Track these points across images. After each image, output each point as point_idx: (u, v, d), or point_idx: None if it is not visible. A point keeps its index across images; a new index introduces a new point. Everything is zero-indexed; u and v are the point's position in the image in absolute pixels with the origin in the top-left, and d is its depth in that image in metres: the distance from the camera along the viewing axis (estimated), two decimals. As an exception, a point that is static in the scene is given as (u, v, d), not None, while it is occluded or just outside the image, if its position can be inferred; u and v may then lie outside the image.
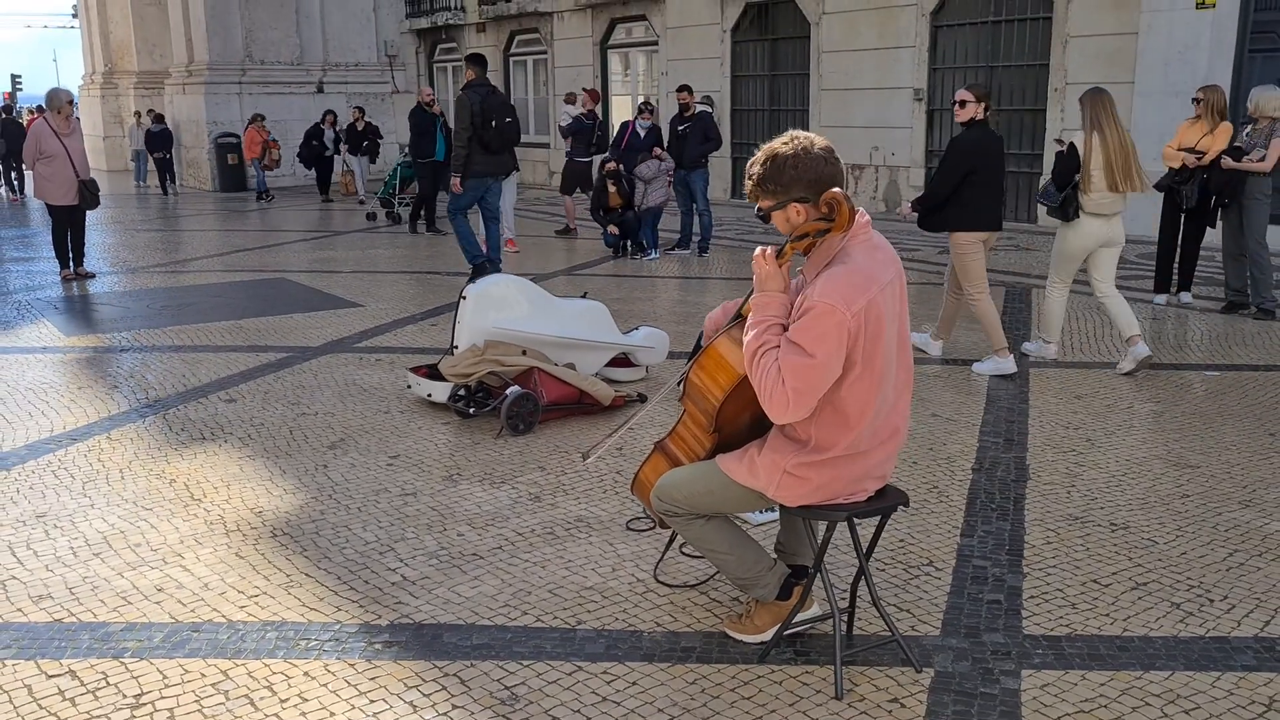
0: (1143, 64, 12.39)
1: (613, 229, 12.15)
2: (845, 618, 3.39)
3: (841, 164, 3.01)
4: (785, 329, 2.91)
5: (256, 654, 3.34)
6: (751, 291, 3.03)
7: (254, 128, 19.92)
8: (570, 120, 14.03)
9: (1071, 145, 6.70)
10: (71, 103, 10.69)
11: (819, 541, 3.15)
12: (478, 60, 10.08)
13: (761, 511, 4.15)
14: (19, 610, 3.67)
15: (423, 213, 14.46)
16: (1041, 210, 13.59)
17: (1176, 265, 9.16)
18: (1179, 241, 9.12)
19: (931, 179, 7.06)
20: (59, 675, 3.23)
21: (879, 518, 3.28)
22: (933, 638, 3.41)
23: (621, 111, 20.86)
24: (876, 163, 15.70)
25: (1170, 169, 8.82)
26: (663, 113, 15.14)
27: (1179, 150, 8.74)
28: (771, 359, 2.84)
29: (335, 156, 19.62)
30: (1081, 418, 5.83)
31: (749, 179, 3.04)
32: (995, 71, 14.16)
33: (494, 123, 9.67)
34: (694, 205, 12.11)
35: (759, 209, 3.06)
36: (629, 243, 12.14)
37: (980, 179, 6.68)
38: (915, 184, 15.20)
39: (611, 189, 12.12)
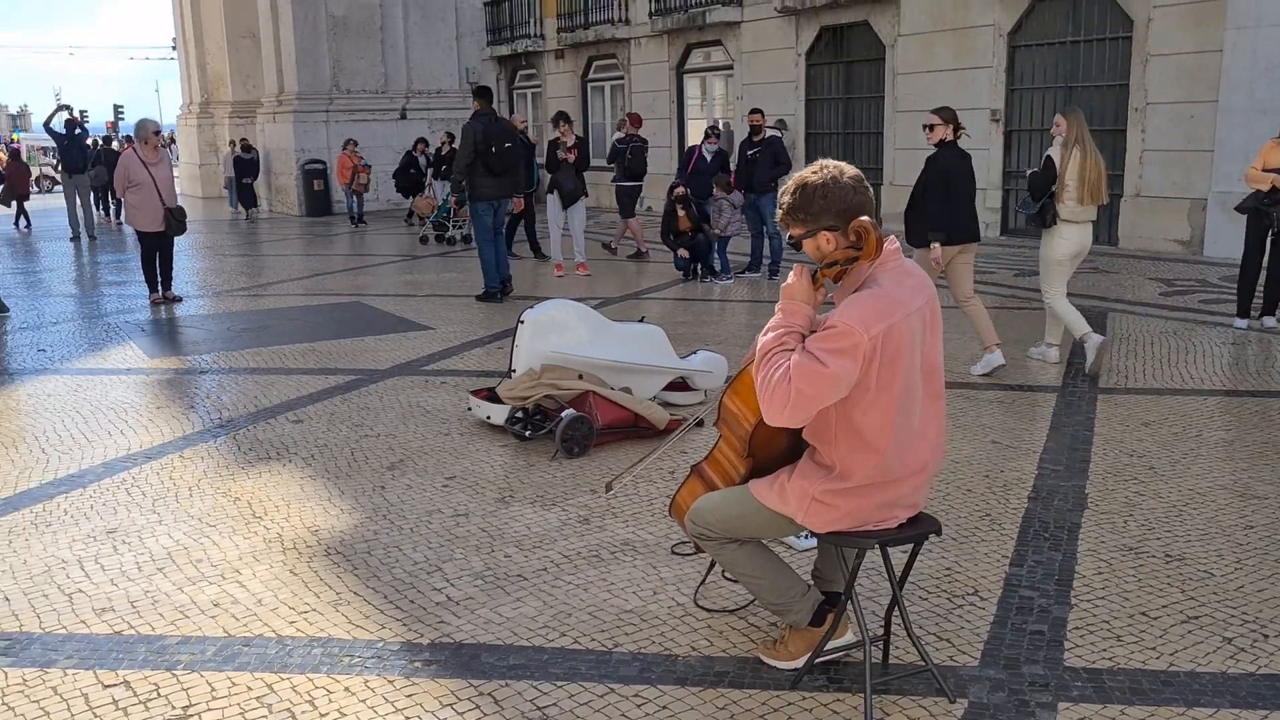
0: (1227, 82, 12.08)
1: (683, 253, 12.21)
2: (880, 646, 3.37)
3: (871, 192, 3.02)
4: (803, 340, 2.93)
5: (301, 669, 3.44)
6: None
7: (345, 153, 20.31)
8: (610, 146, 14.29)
9: (1049, 158, 7.16)
10: (158, 133, 11.10)
11: (850, 568, 3.15)
12: (483, 93, 10.87)
13: (803, 537, 4.16)
14: (82, 622, 3.83)
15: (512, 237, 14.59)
16: (1124, 231, 13.41)
17: (1261, 289, 8.90)
18: (1264, 264, 8.86)
19: (913, 199, 7.47)
20: (114, 685, 3.37)
21: (912, 546, 3.26)
22: (970, 668, 3.37)
23: (696, 135, 20.97)
24: (1101, 190, 15.47)
25: (1257, 191, 8.58)
26: (739, 137, 15.20)
27: (1265, 171, 8.51)
28: (783, 359, 2.85)
29: (432, 183, 19.98)
30: (1147, 445, 5.69)
31: (780, 207, 3.07)
32: (1074, 91, 13.93)
33: (494, 149, 10.38)
34: (764, 229, 12.11)
35: (790, 237, 3.09)
36: (699, 266, 12.19)
37: (956, 196, 7.24)
38: (992, 205, 14.99)
39: (681, 213, 12.20)
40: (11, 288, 12.48)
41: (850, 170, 3.02)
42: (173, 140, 33.61)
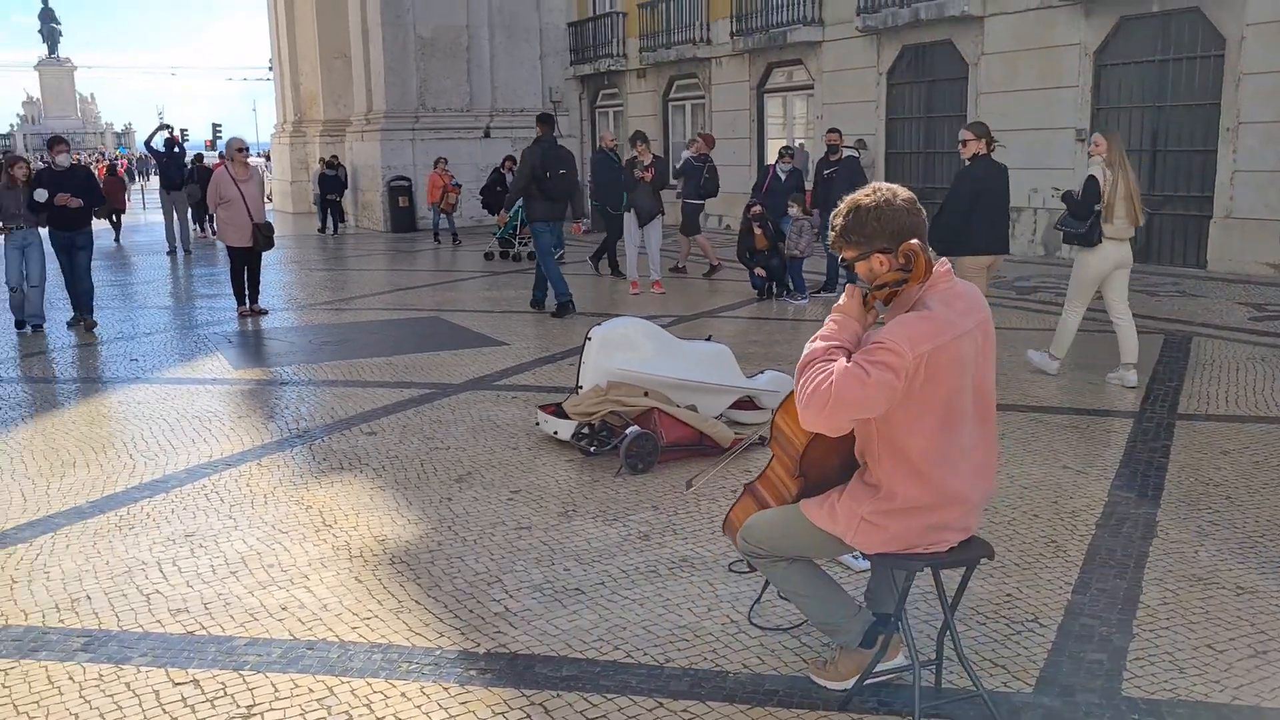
0: (1324, 101, 11.70)
1: (759, 271, 12.21)
2: (932, 669, 3.35)
3: (924, 215, 3.03)
4: (848, 355, 2.94)
5: (361, 673, 3.55)
6: None
7: (436, 171, 20.53)
8: (682, 163, 14.32)
9: (1092, 178, 7.32)
10: (241, 150, 11.51)
11: (900, 590, 3.14)
12: (545, 120, 11.19)
13: (858, 558, 4.15)
14: (158, 622, 3.99)
15: (605, 255, 14.76)
16: (1213, 254, 13.05)
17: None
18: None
19: (940, 209, 7.75)
20: (184, 683, 3.51)
21: (965, 569, 3.24)
22: (1024, 694, 3.34)
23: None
24: (1035, 205, 15.26)
25: None
26: (816, 156, 15.16)
27: None
28: (826, 367, 2.86)
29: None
30: (1225, 474, 5.55)
31: (832, 230, 3.09)
32: (1162, 111, 13.62)
33: (549, 174, 10.78)
34: (840, 248, 12.02)
35: (842, 259, 3.11)
36: (774, 285, 12.18)
37: (984, 207, 7.58)
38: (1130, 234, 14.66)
39: (757, 231, 12.21)
40: (108, 300, 12.97)
41: (904, 193, 3.03)
42: (267, 158, 34.56)
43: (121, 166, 41.99)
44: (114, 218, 21.61)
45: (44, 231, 10.65)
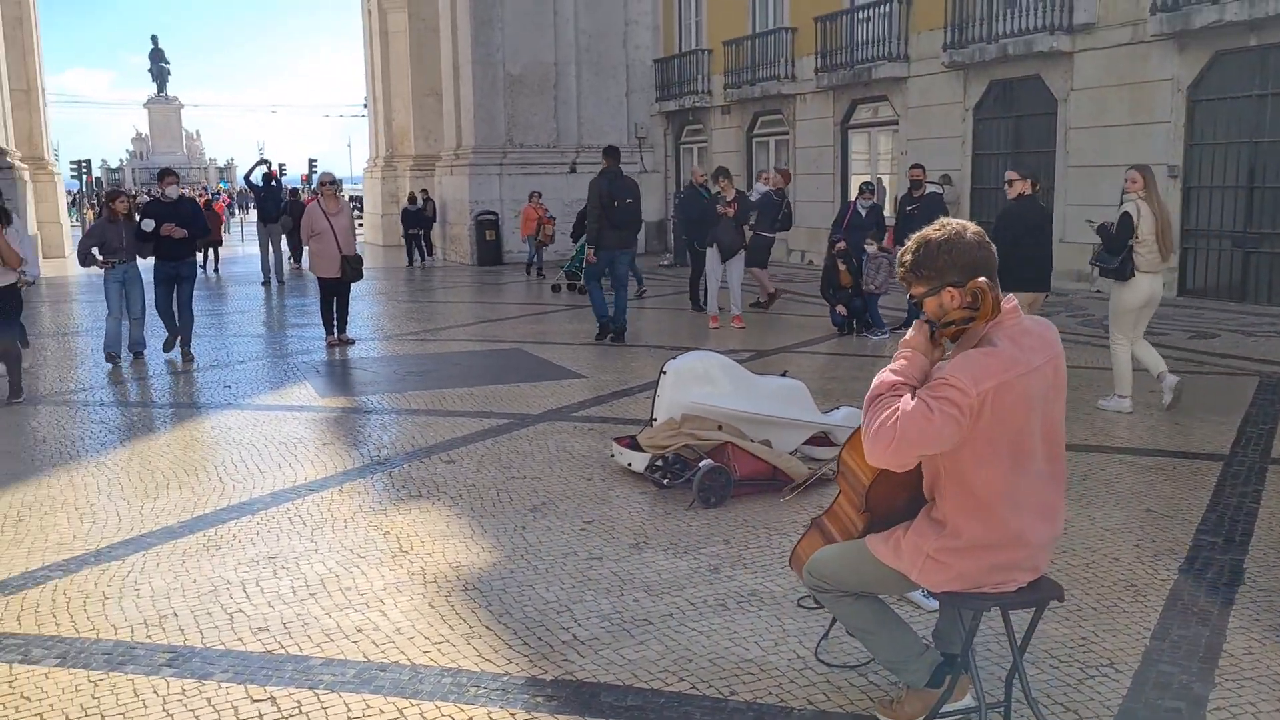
0: None
1: (841, 309, 12.16)
2: (1000, 711, 3.31)
3: (993, 249, 3.02)
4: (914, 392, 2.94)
5: (431, 696, 3.62)
6: None
7: (531, 205, 20.74)
8: (759, 196, 14.40)
9: (1126, 214, 7.44)
10: (330, 183, 11.91)
11: (967, 629, 3.11)
12: (611, 153, 11.76)
13: (929, 597, 4.10)
14: (239, 640, 4.12)
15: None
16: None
17: None
18: None
19: None
20: (261, 700, 3.62)
21: (1034, 611, 3.19)
22: (1096, 741, 3.27)
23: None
24: (1172, 242, 14.92)
25: None
26: (899, 191, 15.09)
27: None
28: (892, 403, 2.87)
29: None
30: (1319, 521, 5.36)
31: (900, 265, 3.10)
32: (1259, 147, 13.26)
33: (616, 203, 11.41)
34: (921, 285, 11.93)
35: (911, 295, 3.11)
36: (855, 322, 12.12)
37: (1025, 246, 7.87)
38: (1168, 265, 14.35)
39: (842, 268, 12.17)
40: (204, 328, 13.43)
41: (973, 227, 3.03)
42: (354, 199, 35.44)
43: (222, 201, 43.41)
44: (210, 250, 22.36)
45: (144, 263, 10.92)
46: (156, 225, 10.57)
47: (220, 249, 23.63)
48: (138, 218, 10.95)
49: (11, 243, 8.51)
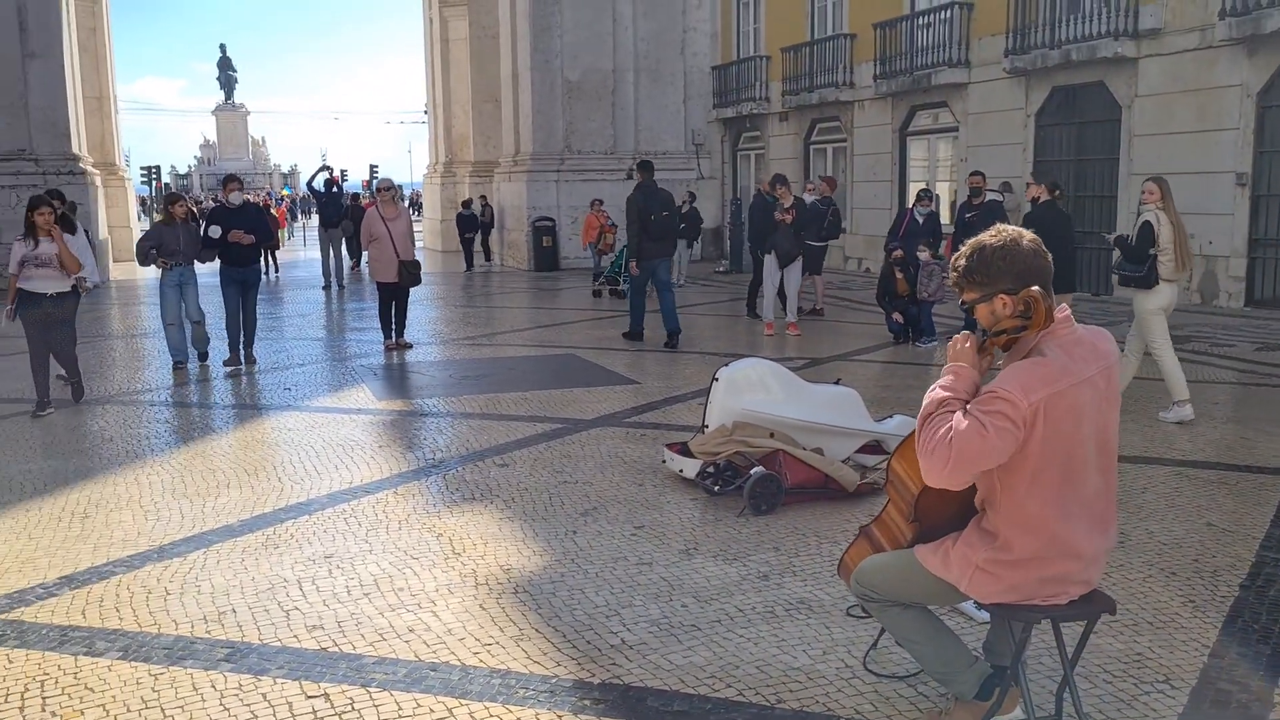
0: None
1: (897, 316, 12.07)
2: (1050, 726, 3.27)
3: (1049, 259, 2.99)
4: (965, 405, 2.92)
5: (480, 697, 3.66)
6: None
7: (593, 213, 20.73)
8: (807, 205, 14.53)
9: (1147, 223, 7.61)
10: (387, 189, 12.10)
11: (1016, 641, 3.09)
12: (646, 166, 12.30)
13: (980, 609, 4.06)
14: (295, 637, 4.20)
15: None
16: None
17: None
18: None
19: None
20: (315, 697, 3.69)
21: (1086, 624, 3.16)
22: (1149, 758, 3.22)
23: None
24: (1192, 251, 14.64)
25: None
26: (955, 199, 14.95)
27: None
28: (945, 420, 2.85)
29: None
30: (1388, 538, 5.22)
31: (954, 271, 3.08)
32: (1332, 154, 12.95)
33: (654, 216, 11.72)
34: (979, 293, 11.80)
35: (963, 302, 3.09)
36: (912, 331, 12.01)
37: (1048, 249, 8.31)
38: (1236, 274, 14.08)
39: (899, 276, 12.09)
40: (266, 330, 13.68)
41: (1029, 235, 3.00)
42: (412, 202, 35.92)
43: (283, 206, 44.21)
44: (269, 254, 22.79)
45: (206, 267, 10.95)
46: (224, 232, 10.54)
47: (277, 252, 24.11)
48: (203, 224, 11.05)
49: (72, 249, 8.69)
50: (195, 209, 11.40)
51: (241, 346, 11.01)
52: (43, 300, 8.51)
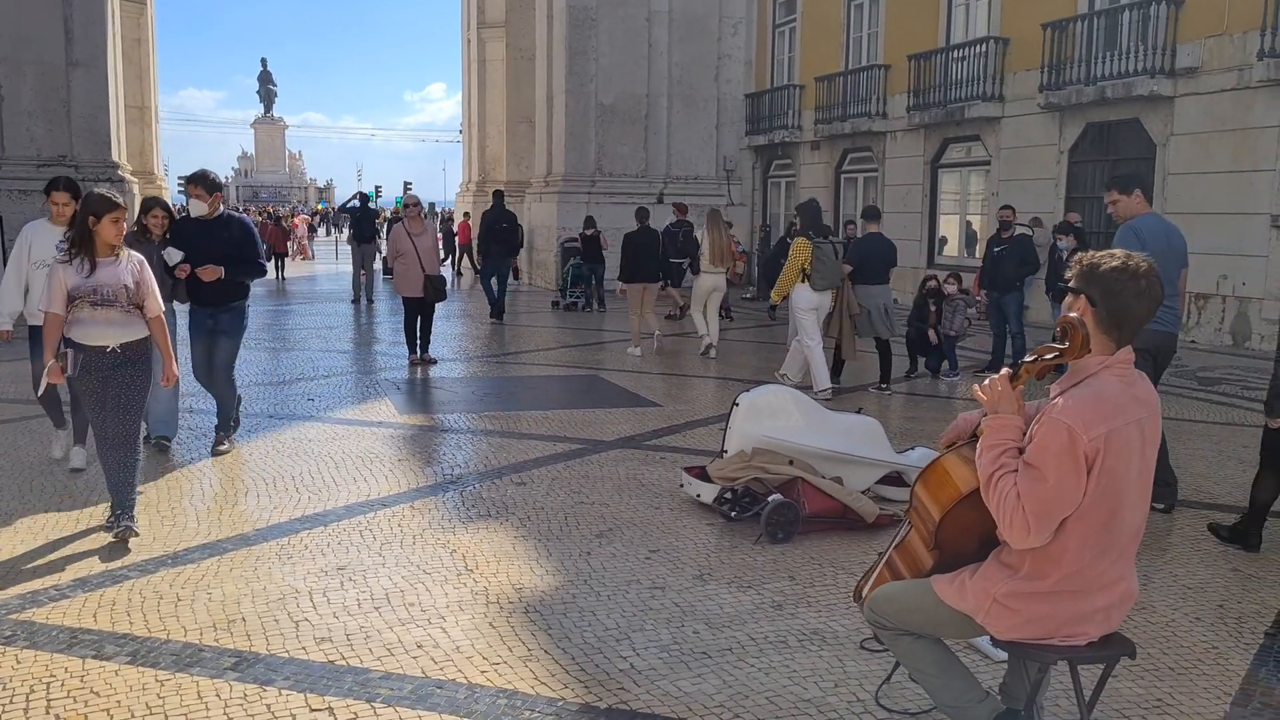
0: None
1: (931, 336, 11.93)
2: (1065, 769, 3.19)
3: (1152, 306, 2.87)
4: (1021, 452, 2.86)
5: (484, 716, 3.63)
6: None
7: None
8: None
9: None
10: (412, 205, 12.19)
11: (1031, 681, 3.02)
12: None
13: (997, 646, 3.99)
14: (303, 649, 4.18)
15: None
16: None
17: None
18: None
19: None
20: (320, 710, 3.66)
21: (1104, 667, 3.08)
22: (1166, 807, 3.14)
23: (949, 230, 20.63)
24: (1224, 292, 14.50)
25: None
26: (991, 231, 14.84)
27: None
28: (1009, 483, 2.80)
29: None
30: None
31: (1076, 263, 2.98)
32: (1371, 198, 12.79)
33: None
34: (1006, 328, 11.73)
35: (1064, 280, 3.00)
36: (935, 363, 11.90)
37: None
38: (1269, 317, 13.89)
39: (932, 307, 11.98)
40: (294, 343, 13.75)
41: (1153, 276, 2.88)
42: (444, 218, 36.13)
43: (301, 216, 44.51)
44: (277, 261, 23.14)
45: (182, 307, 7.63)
46: (188, 256, 7.14)
47: (286, 259, 24.48)
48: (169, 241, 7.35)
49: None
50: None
51: (215, 430, 7.64)
52: (103, 357, 5.39)
